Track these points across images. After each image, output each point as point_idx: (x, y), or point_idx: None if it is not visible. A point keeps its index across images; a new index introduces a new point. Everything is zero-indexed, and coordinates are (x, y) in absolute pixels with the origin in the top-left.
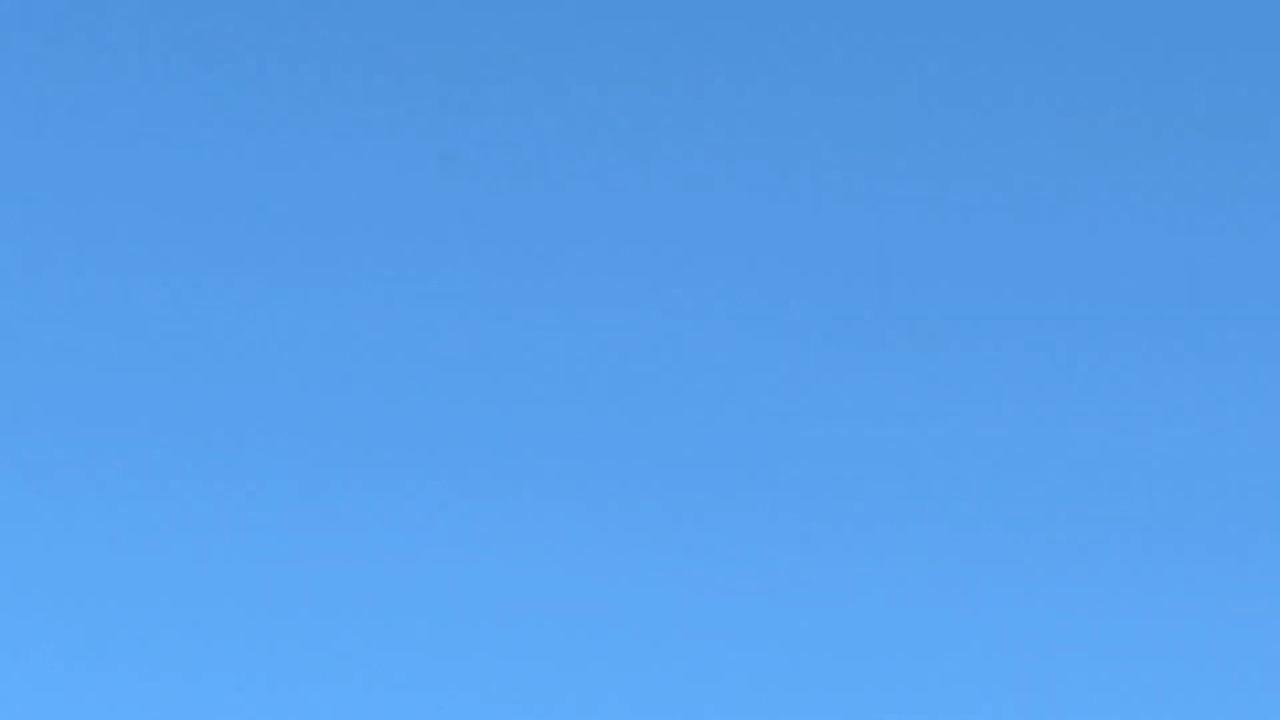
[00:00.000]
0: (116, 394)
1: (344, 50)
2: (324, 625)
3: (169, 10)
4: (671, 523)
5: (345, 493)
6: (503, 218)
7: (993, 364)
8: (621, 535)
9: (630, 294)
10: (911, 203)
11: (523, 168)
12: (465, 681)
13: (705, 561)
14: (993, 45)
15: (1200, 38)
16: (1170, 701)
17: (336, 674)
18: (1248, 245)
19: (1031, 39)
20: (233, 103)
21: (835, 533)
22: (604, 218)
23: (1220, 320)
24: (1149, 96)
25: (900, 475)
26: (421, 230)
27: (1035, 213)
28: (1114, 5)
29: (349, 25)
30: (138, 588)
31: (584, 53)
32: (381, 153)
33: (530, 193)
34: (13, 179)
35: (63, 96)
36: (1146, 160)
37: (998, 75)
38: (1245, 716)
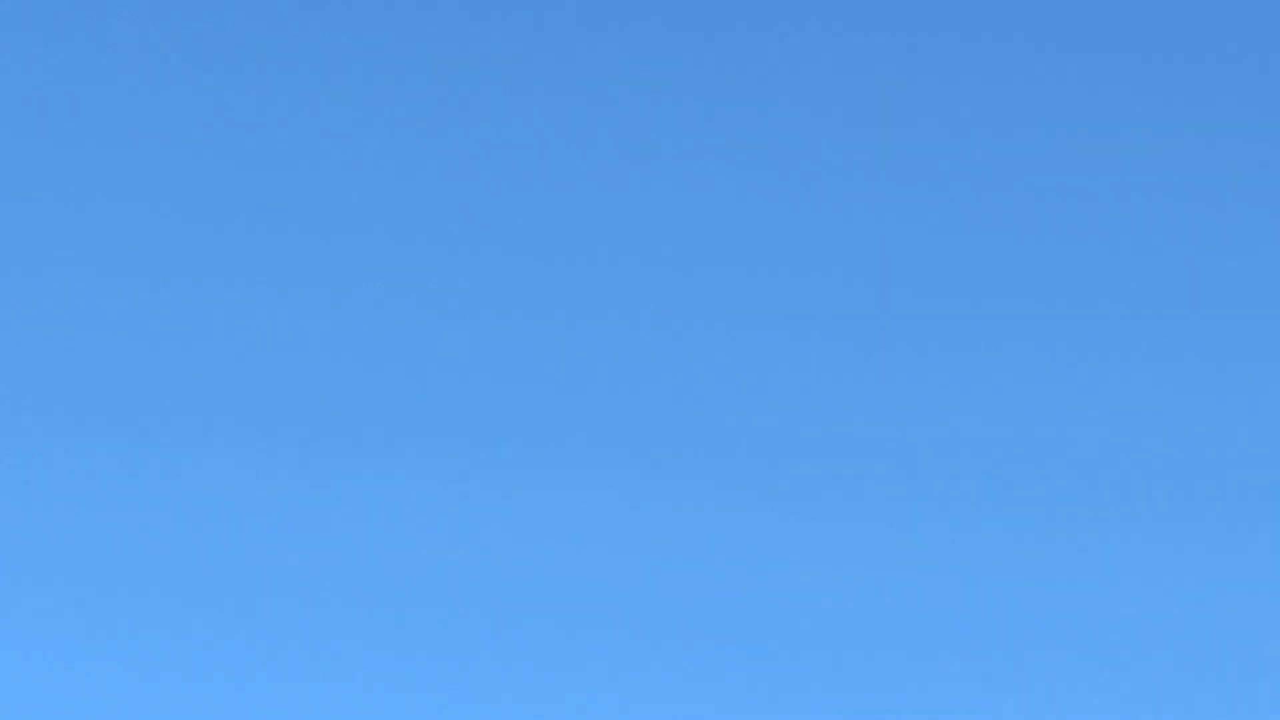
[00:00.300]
0: (116, 393)
1: (343, 50)
2: (321, 621)
3: (169, 10)
4: (670, 521)
5: (343, 491)
6: (503, 216)
7: (992, 363)
8: (620, 531)
9: (631, 292)
10: (911, 202)
11: (522, 166)
12: (463, 677)
13: (704, 558)
14: (992, 45)
15: (1200, 38)
16: (1166, 698)
17: (334, 672)
18: (1248, 245)
19: (1031, 39)
20: (232, 102)
21: (834, 529)
22: (604, 217)
23: (1220, 320)
24: (1149, 96)
25: (899, 473)
26: (422, 229)
27: (1035, 212)
28: (1114, 5)
29: (348, 25)
30: (138, 585)
31: (583, 52)
32: (379, 151)
33: (530, 191)
34: (12, 179)
35: (63, 97)
36: (1146, 160)
37: (997, 75)
38: (1244, 714)
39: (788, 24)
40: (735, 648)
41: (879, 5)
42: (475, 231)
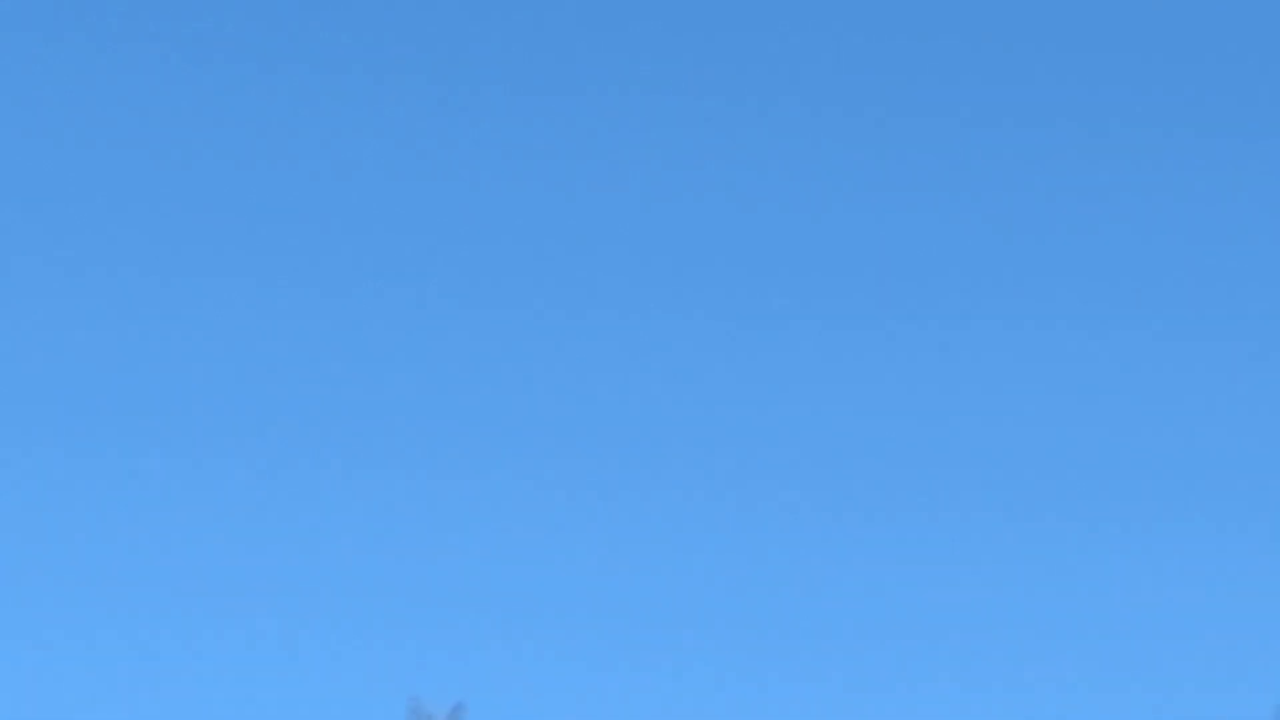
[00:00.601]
0: (116, 391)
1: (344, 50)
2: (320, 619)
3: (169, 10)
4: (669, 517)
5: (340, 489)
6: (502, 216)
7: (989, 357)
8: (619, 526)
9: (633, 290)
10: (910, 200)
11: (521, 167)
12: (465, 675)
13: (701, 552)
14: (991, 46)
15: (1200, 38)
16: (1161, 691)
17: (333, 671)
18: (1248, 245)
19: (1030, 40)
20: (232, 102)
21: (834, 523)
22: (603, 215)
23: (1218, 316)
24: (1149, 96)
25: (898, 467)
26: (421, 228)
27: (1032, 208)
28: (1113, 6)
29: (349, 25)
30: (142, 582)
31: (583, 55)
32: (378, 151)
33: (528, 191)
34: (12, 179)
35: (62, 97)
36: (1147, 160)
37: (997, 75)
38: (1240, 706)
39: (788, 24)
40: (733, 640)
41: (879, 5)
42: (473, 231)
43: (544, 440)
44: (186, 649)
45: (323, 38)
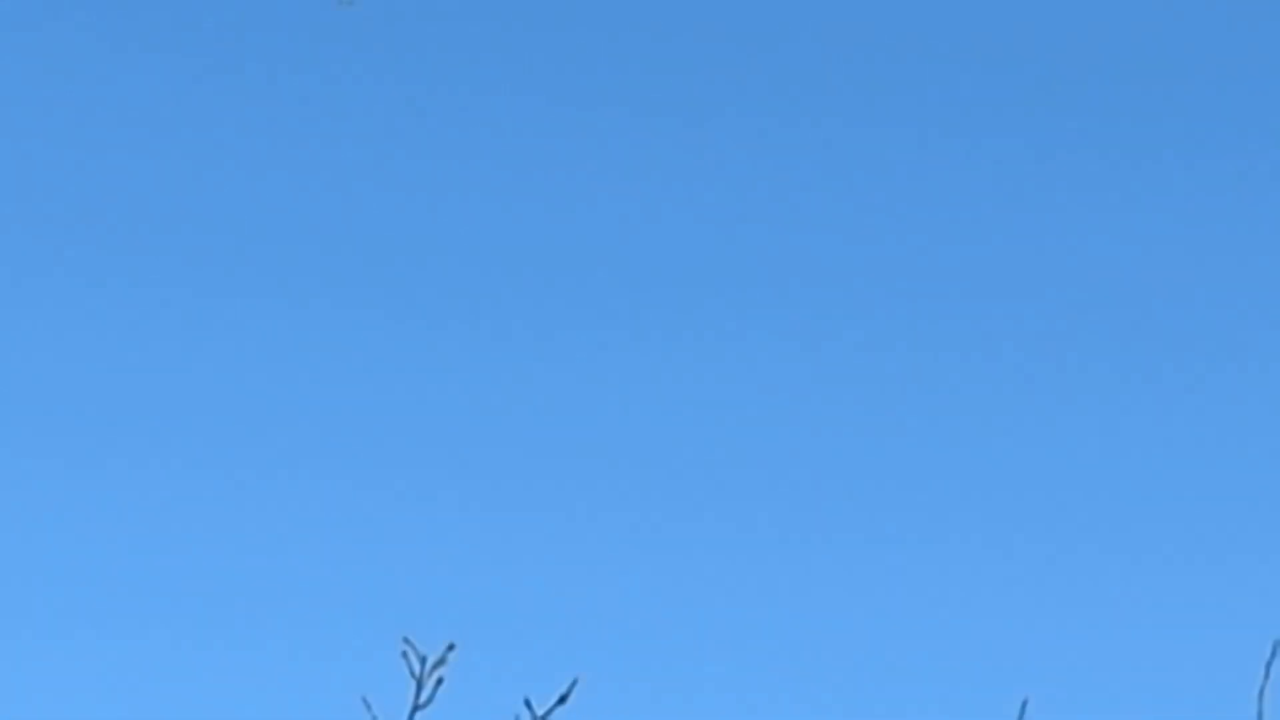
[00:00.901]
0: (116, 392)
1: (344, 50)
2: (318, 620)
3: (169, 10)
4: (668, 516)
5: (337, 490)
6: (502, 219)
7: (990, 361)
8: (617, 527)
9: (634, 290)
10: (910, 200)
11: (521, 168)
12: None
13: (703, 563)
14: (991, 45)
15: (1201, 37)
16: (1162, 700)
17: (333, 669)
18: (1248, 245)
19: (1030, 40)
20: (232, 102)
21: (836, 529)
22: (603, 217)
23: (1218, 317)
24: (1149, 98)
25: (900, 473)
26: (421, 229)
27: (1031, 208)
28: (1113, 9)
29: (349, 25)
30: (143, 586)
31: (583, 55)
32: (376, 154)
33: (528, 193)
34: (12, 179)
35: (63, 97)
36: (1147, 160)
37: (997, 75)
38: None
39: (788, 24)
40: (731, 642)
41: (879, 5)
42: (473, 232)
43: (542, 440)
44: (188, 646)
45: (323, 37)
